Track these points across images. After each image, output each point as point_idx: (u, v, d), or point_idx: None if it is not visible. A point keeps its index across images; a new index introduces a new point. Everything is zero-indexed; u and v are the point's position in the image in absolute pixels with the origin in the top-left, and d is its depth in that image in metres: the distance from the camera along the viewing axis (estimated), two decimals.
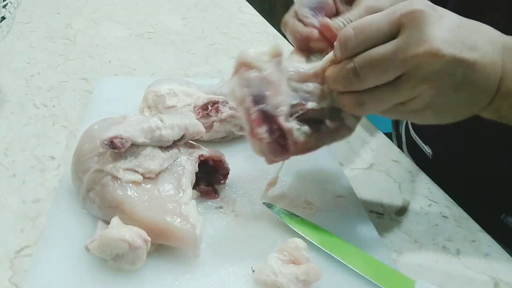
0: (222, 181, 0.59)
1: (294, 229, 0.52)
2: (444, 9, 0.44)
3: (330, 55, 0.48)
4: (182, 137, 0.56)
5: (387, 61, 0.43)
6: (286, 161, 0.52)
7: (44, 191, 0.60)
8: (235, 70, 0.48)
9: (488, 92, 0.45)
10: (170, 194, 0.51)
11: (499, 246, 0.57)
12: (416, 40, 0.42)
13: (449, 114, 0.48)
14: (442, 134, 0.76)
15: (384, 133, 0.81)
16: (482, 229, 0.59)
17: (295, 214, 0.55)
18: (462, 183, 0.67)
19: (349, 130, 0.51)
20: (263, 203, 0.56)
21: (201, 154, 0.57)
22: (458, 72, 0.43)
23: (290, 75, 0.49)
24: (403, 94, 0.44)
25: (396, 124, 1.21)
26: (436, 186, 0.66)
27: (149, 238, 0.47)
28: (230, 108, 0.65)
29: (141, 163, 0.52)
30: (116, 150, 0.51)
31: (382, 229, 0.57)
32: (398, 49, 0.42)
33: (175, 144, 0.56)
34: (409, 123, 0.89)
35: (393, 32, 0.43)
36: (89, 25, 1.14)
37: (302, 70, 0.50)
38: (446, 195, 0.65)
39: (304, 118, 0.49)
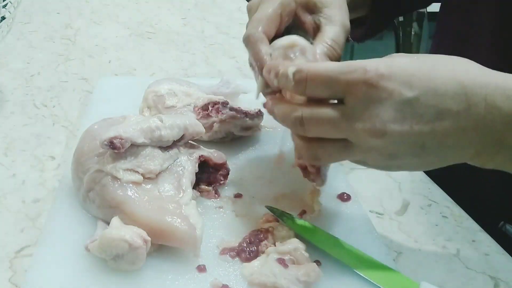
0: (222, 181, 0.59)
1: (296, 231, 0.52)
2: (413, 69, 0.41)
3: None
4: (182, 137, 0.56)
5: (331, 125, 0.42)
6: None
7: (44, 191, 0.60)
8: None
9: (465, 155, 0.43)
10: (170, 195, 0.51)
11: (499, 246, 0.57)
12: (359, 116, 0.41)
13: (421, 168, 0.47)
14: None
15: None
16: (482, 229, 0.59)
17: (297, 217, 0.54)
18: (459, 187, 0.67)
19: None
20: (266, 206, 0.56)
21: (201, 155, 0.57)
22: (415, 142, 0.42)
23: None
24: (352, 156, 0.44)
25: None
26: (436, 186, 0.66)
27: (149, 238, 0.47)
28: (230, 109, 0.65)
29: (141, 163, 0.52)
30: (116, 151, 0.51)
31: (382, 229, 0.57)
32: (342, 118, 0.42)
33: (175, 144, 0.56)
34: None
35: (341, 93, 0.42)
36: (89, 25, 1.14)
37: None
38: (446, 195, 0.65)
39: None
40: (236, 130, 0.66)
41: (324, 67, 0.42)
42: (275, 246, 0.49)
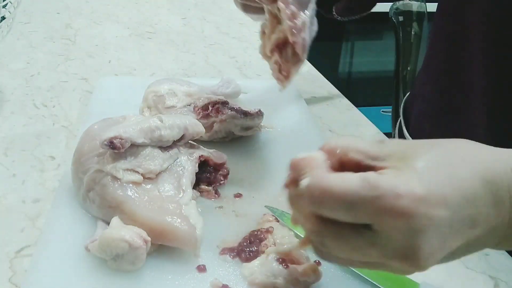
0: (222, 181, 0.59)
1: (296, 231, 0.52)
2: (443, 179, 0.34)
3: None
4: (182, 137, 0.56)
5: (357, 252, 0.35)
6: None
7: (44, 191, 0.60)
8: None
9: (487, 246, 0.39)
10: (170, 195, 0.51)
11: None
12: (394, 246, 0.34)
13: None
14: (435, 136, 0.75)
15: (384, 133, 0.81)
16: None
17: None
18: None
19: None
20: (265, 206, 0.56)
21: (201, 155, 0.57)
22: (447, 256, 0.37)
23: None
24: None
25: (396, 124, 1.21)
26: None
27: (149, 238, 0.47)
28: (230, 109, 0.65)
29: (141, 163, 0.52)
30: (115, 151, 0.51)
31: None
32: (371, 245, 0.34)
33: (175, 144, 0.56)
34: (402, 122, 0.89)
35: (367, 220, 0.34)
36: (89, 25, 1.14)
37: None
38: None
39: None
40: (236, 130, 0.66)
41: (343, 188, 0.34)
42: (275, 246, 0.49)
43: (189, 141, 0.58)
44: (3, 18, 0.76)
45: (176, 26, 1.16)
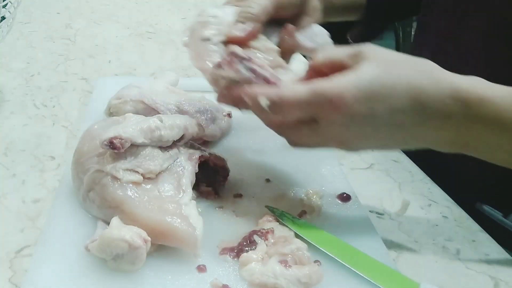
0: (222, 182, 0.59)
1: (296, 231, 0.52)
2: (376, 90, 0.45)
3: None
4: (182, 137, 0.56)
5: (307, 136, 0.49)
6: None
7: (44, 191, 0.60)
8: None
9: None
10: (170, 195, 0.51)
11: (499, 246, 0.57)
12: (330, 133, 0.48)
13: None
14: None
15: None
16: (482, 229, 0.59)
17: (297, 217, 0.54)
18: (435, 170, 0.67)
19: None
20: (266, 206, 0.56)
21: (201, 155, 0.57)
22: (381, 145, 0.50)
23: None
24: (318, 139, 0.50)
25: None
26: (436, 186, 0.66)
27: (149, 238, 0.47)
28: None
29: (141, 163, 0.52)
30: (115, 151, 0.51)
31: (382, 229, 0.57)
32: (317, 133, 0.48)
33: (175, 144, 0.56)
34: None
35: (314, 115, 0.47)
36: (89, 25, 1.14)
37: None
38: (446, 195, 0.65)
39: None
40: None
41: (295, 96, 0.46)
42: (275, 246, 0.49)
43: (189, 141, 0.58)
44: (3, 18, 0.76)
45: (176, 26, 1.16)
